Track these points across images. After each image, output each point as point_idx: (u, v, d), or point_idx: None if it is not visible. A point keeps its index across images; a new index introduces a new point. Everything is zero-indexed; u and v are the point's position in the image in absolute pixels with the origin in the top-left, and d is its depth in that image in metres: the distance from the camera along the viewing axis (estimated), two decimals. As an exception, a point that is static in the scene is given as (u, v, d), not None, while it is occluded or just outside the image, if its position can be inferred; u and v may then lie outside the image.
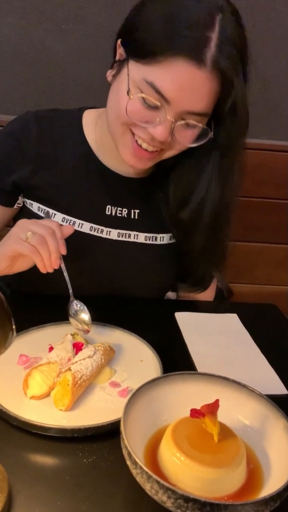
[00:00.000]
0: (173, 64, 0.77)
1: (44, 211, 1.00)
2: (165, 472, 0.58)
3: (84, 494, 0.58)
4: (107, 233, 1.01)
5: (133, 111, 0.82)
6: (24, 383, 0.71)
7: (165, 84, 0.78)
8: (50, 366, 0.72)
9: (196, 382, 0.68)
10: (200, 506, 0.50)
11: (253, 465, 0.61)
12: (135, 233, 1.03)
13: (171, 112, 0.80)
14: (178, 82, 0.78)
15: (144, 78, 0.79)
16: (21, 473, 0.60)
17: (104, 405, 0.71)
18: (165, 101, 0.79)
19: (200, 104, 0.80)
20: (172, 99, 0.79)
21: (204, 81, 0.78)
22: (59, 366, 0.72)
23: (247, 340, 0.94)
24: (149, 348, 0.83)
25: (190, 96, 0.79)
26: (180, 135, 0.85)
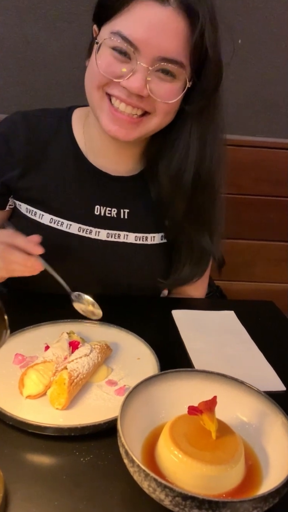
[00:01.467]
0: (137, 8, 0.77)
1: (32, 212, 0.99)
2: (163, 470, 0.57)
3: (81, 493, 0.57)
4: (96, 233, 0.99)
5: (104, 64, 0.81)
6: (20, 383, 0.70)
7: (131, 29, 0.77)
8: (46, 365, 0.72)
9: (194, 379, 0.68)
10: (198, 504, 0.49)
11: (251, 462, 0.60)
12: (125, 233, 1.01)
13: (143, 60, 0.79)
14: (143, 23, 0.77)
15: (111, 31, 0.79)
16: (17, 472, 0.59)
17: (101, 403, 0.70)
18: (135, 49, 0.78)
19: (171, 45, 0.78)
20: (140, 43, 0.77)
21: (170, 19, 0.77)
22: (55, 365, 0.72)
23: (244, 337, 0.93)
24: (146, 346, 0.83)
25: (158, 37, 0.77)
26: (158, 88, 0.82)
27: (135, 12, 0.77)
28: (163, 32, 0.77)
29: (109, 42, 0.80)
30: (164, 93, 0.83)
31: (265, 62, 1.59)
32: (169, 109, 0.86)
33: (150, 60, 0.79)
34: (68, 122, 1.00)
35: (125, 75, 0.80)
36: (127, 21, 0.78)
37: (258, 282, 1.84)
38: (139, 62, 0.78)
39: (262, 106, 1.65)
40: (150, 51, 0.78)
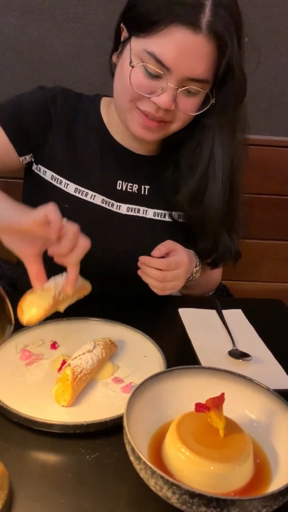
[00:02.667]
0: (171, 32, 0.82)
1: (58, 180, 1.02)
2: (170, 468, 0.56)
3: (87, 491, 0.57)
4: (117, 207, 1.03)
5: (137, 81, 0.86)
6: (19, 310, 0.69)
7: (165, 52, 0.83)
8: (45, 291, 0.71)
9: (201, 376, 0.67)
10: (206, 502, 0.48)
11: (260, 460, 0.59)
12: (144, 209, 1.04)
13: (173, 80, 0.85)
14: (176, 48, 0.82)
15: (145, 49, 0.84)
16: (22, 470, 0.59)
17: (107, 401, 0.69)
18: (166, 69, 0.84)
19: (199, 69, 0.84)
20: (172, 66, 0.83)
21: (201, 46, 0.82)
22: (54, 291, 0.71)
23: (252, 335, 0.92)
24: (153, 344, 0.82)
25: (189, 62, 0.83)
26: (183, 103, 0.88)
27: (170, 36, 0.82)
28: (194, 57, 0.83)
29: (143, 58, 0.85)
30: (187, 107, 0.89)
31: (270, 61, 1.58)
32: (189, 118, 0.93)
33: (179, 80, 0.85)
34: (96, 105, 1.06)
35: (155, 92, 0.86)
36: (162, 44, 0.83)
37: (264, 282, 1.82)
38: (169, 82, 0.85)
39: (267, 104, 1.64)
40: (180, 73, 0.84)
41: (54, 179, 1.02)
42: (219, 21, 0.82)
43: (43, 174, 1.03)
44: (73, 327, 0.86)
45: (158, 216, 1.05)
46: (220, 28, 0.82)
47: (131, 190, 1.04)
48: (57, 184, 1.01)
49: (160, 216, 1.05)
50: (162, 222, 1.05)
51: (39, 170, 1.04)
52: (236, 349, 0.86)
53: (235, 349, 0.86)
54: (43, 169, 1.03)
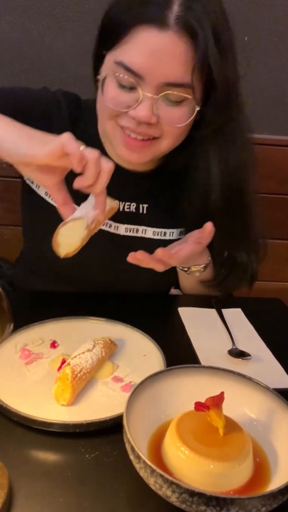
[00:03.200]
0: (137, 35, 0.75)
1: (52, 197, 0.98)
2: (170, 467, 0.57)
3: (86, 490, 0.57)
4: (116, 227, 0.99)
5: (111, 96, 0.80)
6: (55, 243, 0.70)
7: (133, 58, 0.75)
8: (76, 222, 0.70)
9: (200, 375, 0.67)
10: (205, 501, 0.48)
11: (259, 459, 0.59)
12: (143, 228, 1.00)
13: (149, 88, 0.77)
14: (144, 51, 0.75)
15: (115, 60, 0.78)
16: (22, 469, 0.59)
17: (106, 400, 0.69)
18: (138, 77, 0.76)
19: (175, 71, 0.76)
20: (143, 72, 0.76)
21: (171, 44, 0.74)
22: (86, 220, 0.70)
23: (252, 334, 0.92)
24: (152, 343, 0.82)
25: (162, 64, 0.75)
26: (166, 114, 0.80)
27: (136, 40, 0.75)
28: (166, 58, 0.75)
29: (114, 73, 0.78)
30: (173, 118, 0.81)
31: (270, 60, 1.59)
32: (180, 132, 0.84)
33: (155, 87, 0.77)
34: (93, 115, 0.96)
35: (132, 105, 0.79)
36: (129, 50, 0.76)
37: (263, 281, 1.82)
38: (144, 91, 0.77)
39: (267, 103, 1.64)
40: (154, 78, 0.76)
41: (48, 195, 0.96)
42: (191, 15, 0.73)
43: (36, 188, 0.98)
44: (72, 326, 0.86)
45: (157, 235, 1.01)
46: (193, 22, 0.73)
47: (129, 209, 0.99)
48: (52, 202, 0.96)
49: (160, 235, 1.01)
50: (162, 240, 1.01)
51: (32, 183, 0.99)
52: (235, 348, 0.86)
53: (235, 348, 0.86)
54: (36, 184, 0.98)
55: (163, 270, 0.84)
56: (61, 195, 0.73)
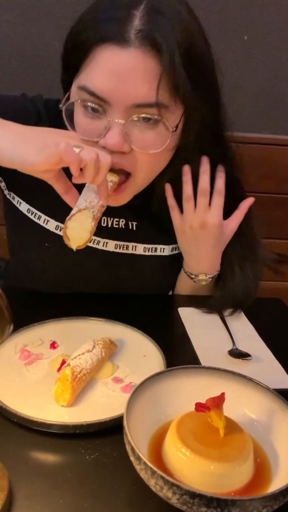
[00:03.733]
0: (97, 56, 0.68)
1: (36, 215, 0.92)
2: (170, 468, 0.56)
3: (86, 491, 0.56)
4: (104, 244, 0.96)
5: (80, 126, 0.74)
6: (65, 237, 0.69)
7: (95, 82, 0.69)
8: (82, 213, 0.69)
9: (201, 376, 0.67)
10: (206, 502, 0.48)
11: (260, 460, 0.59)
12: (133, 244, 0.97)
13: (116, 112, 0.70)
14: (106, 72, 0.68)
15: (78, 85, 0.72)
16: (22, 470, 0.58)
17: (106, 401, 0.69)
18: (103, 102, 0.70)
19: (141, 91, 0.68)
20: (108, 95, 0.69)
21: (134, 62, 0.67)
22: (91, 210, 0.69)
23: (252, 334, 0.92)
24: (152, 343, 0.81)
25: (126, 84, 0.68)
26: (139, 140, 0.73)
27: (97, 61, 0.69)
28: (130, 77, 0.68)
29: (79, 99, 0.72)
30: (146, 143, 0.74)
31: (270, 59, 1.59)
32: (155, 162, 0.78)
33: (124, 111, 0.70)
34: None
35: (102, 133, 0.72)
36: (91, 73, 0.70)
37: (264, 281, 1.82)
38: (111, 116, 0.71)
39: (268, 103, 1.64)
40: (120, 101, 0.69)
41: (32, 214, 0.91)
42: (154, 29, 0.67)
43: (17, 204, 0.92)
44: (72, 326, 0.85)
45: (148, 251, 0.98)
46: (156, 35, 0.66)
47: (118, 225, 0.95)
48: (35, 220, 0.91)
49: (151, 251, 0.98)
50: (153, 256, 0.99)
51: (13, 199, 0.93)
52: (236, 348, 0.86)
53: (235, 349, 0.86)
54: (17, 199, 0.93)
55: None
56: (62, 184, 0.71)
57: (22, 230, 0.96)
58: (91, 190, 0.72)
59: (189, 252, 0.96)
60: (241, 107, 1.61)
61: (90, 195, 0.72)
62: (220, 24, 1.52)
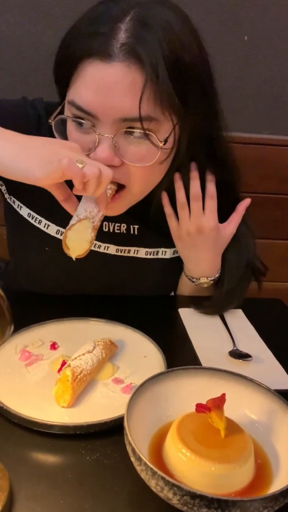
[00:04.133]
0: (85, 71, 0.69)
1: (37, 220, 0.92)
2: (171, 469, 0.56)
3: (87, 492, 0.56)
4: (105, 248, 0.95)
5: (73, 139, 0.75)
6: (65, 247, 0.70)
7: (82, 97, 0.70)
8: (82, 223, 0.70)
9: (201, 377, 0.67)
10: (207, 503, 0.48)
11: (261, 460, 0.59)
12: (135, 249, 0.97)
13: (104, 127, 0.71)
14: (91, 87, 0.69)
15: (67, 100, 0.73)
16: (22, 471, 0.58)
17: (107, 401, 0.69)
18: (92, 116, 0.71)
19: (127, 104, 0.69)
20: (94, 110, 0.70)
21: (118, 75, 0.67)
22: (91, 220, 0.70)
23: (252, 335, 0.92)
24: (153, 344, 0.81)
25: (112, 98, 0.69)
26: (129, 153, 0.73)
27: (83, 76, 0.70)
28: (115, 91, 0.68)
29: (69, 114, 0.73)
30: (136, 156, 0.74)
31: (270, 59, 1.59)
32: (148, 174, 0.78)
33: (111, 125, 0.71)
34: None
35: (92, 147, 0.73)
36: (78, 87, 0.71)
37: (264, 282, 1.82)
38: (100, 130, 0.71)
39: (267, 103, 1.64)
40: (107, 115, 0.70)
41: (33, 218, 0.92)
42: (138, 41, 0.67)
43: (18, 208, 0.93)
44: (73, 327, 0.85)
45: (150, 254, 0.98)
46: (139, 48, 0.66)
47: (119, 230, 0.94)
48: (36, 224, 0.92)
49: (153, 254, 0.98)
50: (155, 259, 0.99)
51: (14, 203, 0.93)
52: (236, 349, 0.86)
53: (236, 349, 0.86)
54: (18, 203, 0.93)
55: None
56: (61, 191, 0.71)
57: (23, 233, 0.96)
58: (90, 200, 0.73)
59: (188, 257, 0.97)
60: (241, 108, 1.61)
61: (90, 205, 0.72)
62: (220, 24, 1.52)
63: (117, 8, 0.70)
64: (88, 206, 0.72)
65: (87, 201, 0.73)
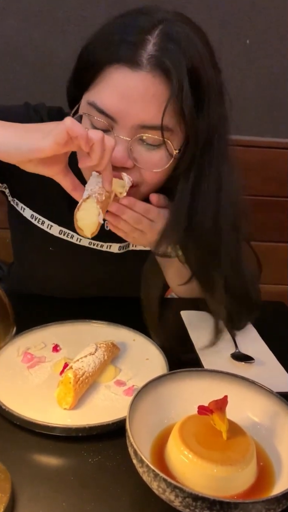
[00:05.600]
0: (109, 75, 0.71)
1: (40, 220, 0.93)
2: (173, 471, 0.56)
3: (89, 494, 0.56)
4: (108, 247, 0.96)
5: None
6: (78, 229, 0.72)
7: (104, 98, 0.72)
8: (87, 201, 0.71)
9: (203, 379, 0.67)
10: (209, 505, 0.48)
11: (263, 463, 0.59)
12: None
13: (122, 130, 0.73)
14: (115, 92, 0.71)
15: (88, 101, 0.74)
16: (24, 473, 0.58)
17: (109, 404, 0.69)
18: (111, 119, 0.73)
19: (148, 113, 0.72)
20: (116, 114, 0.72)
21: (143, 85, 0.70)
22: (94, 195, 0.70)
23: (255, 338, 0.92)
24: (155, 346, 0.81)
25: (134, 106, 0.71)
26: (143, 158, 0.76)
27: (108, 80, 0.72)
28: (138, 99, 0.71)
29: (89, 113, 0.75)
30: (150, 162, 0.76)
31: (272, 62, 1.59)
32: (159, 176, 0.80)
33: (129, 130, 0.73)
34: None
35: None
36: (101, 91, 0.73)
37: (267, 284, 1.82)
38: (117, 133, 0.73)
39: (269, 106, 1.64)
40: (127, 121, 0.72)
41: (36, 219, 0.92)
42: (166, 55, 0.69)
43: (21, 210, 0.93)
44: (75, 329, 0.86)
45: None
46: (167, 62, 0.69)
47: None
48: (39, 225, 0.92)
49: None
50: None
51: (17, 205, 0.94)
52: (238, 351, 0.86)
53: (238, 352, 0.86)
54: (21, 205, 0.93)
55: None
56: (69, 180, 0.72)
57: (26, 235, 0.96)
58: (93, 182, 0.73)
59: None
60: (243, 111, 1.62)
61: (91, 184, 0.73)
62: (222, 28, 1.52)
63: (146, 20, 0.72)
64: (89, 186, 0.73)
65: (90, 183, 0.74)
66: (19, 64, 1.55)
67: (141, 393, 0.61)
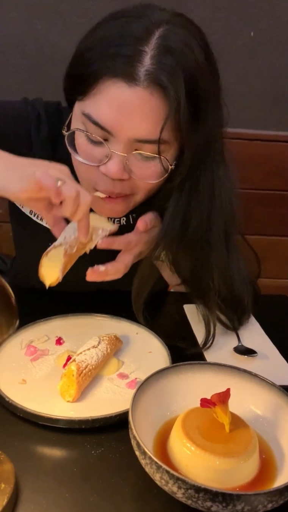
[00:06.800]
0: (105, 88, 0.70)
1: (39, 216, 0.93)
2: (175, 463, 0.57)
3: (92, 486, 0.57)
4: None
5: (83, 150, 0.76)
6: (40, 275, 0.72)
7: (100, 113, 0.71)
8: (57, 249, 0.71)
9: (206, 372, 0.67)
10: (211, 497, 0.48)
11: (265, 455, 0.59)
12: None
13: (118, 144, 0.72)
14: (111, 106, 0.70)
15: (82, 111, 0.73)
16: (28, 465, 0.59)
17: (112, 396, 0.70)
18: (107, 133, 0.72)
19: (144, 128, 0.71)
20: (112, 128, 0.71)
21: (140, 100, 0.69)
22: (64, 246, 0.71)
23: (257, 331, 0.92)
24: (158, 339, 0.82)
25: (131, 120, 0.70)
26: (139, 170, 0.75)
27: (104, 93, 0.70)
28: (135, 114, 0.70)
29: (82, 125, 0.74)
30: (145, 174, 0.76)
31: (276, 55, 1.58)
32: (153, 186, 0.79)
33: (125, 143, 0.72)
34: None
35: (103, 160, 0.74)
36: (97, 103, 0.71)
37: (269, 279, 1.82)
38: (113, 145, 0.72)
39: (273, 99, 1.63)
40: (123, 134, 0.71)
41: (35, 215, 0.93)
42: (163, 71, 0.68)
43: (20, 206, 0.95)
44: (78, 323, 0.86)
45: None
46: (163, 78, 0.68)
47: (120, 223, 0.93)
48: (38, 221, 0.93)
49: None
50: None
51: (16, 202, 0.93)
52: (241, 345, 0.86)
53: (241, 345, 0.86)
54: None
55: None
56: (51, 217, 0.73)
57: (27, 231, 0.97)
58: (71, 228, 0.74)
59: None
60: (246, 104, 1.61)
61: (69, 229, 0.73)
62: (226, 20, 1.51)
63: (140, 26, 0.70)
64: (67, 232, 0.73)
65: (68, 229, 0.74)
66: (21, 57, 1.54)
67: (144, 386, 0.61)
